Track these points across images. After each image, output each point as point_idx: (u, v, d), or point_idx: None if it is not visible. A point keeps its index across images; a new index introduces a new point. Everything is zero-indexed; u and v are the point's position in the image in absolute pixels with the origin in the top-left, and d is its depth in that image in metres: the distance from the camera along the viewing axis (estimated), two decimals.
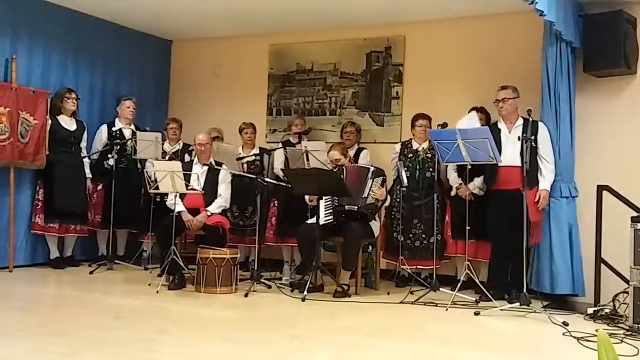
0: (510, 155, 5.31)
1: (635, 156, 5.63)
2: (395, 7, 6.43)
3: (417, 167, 6.15)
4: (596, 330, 1.72)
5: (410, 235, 6.12)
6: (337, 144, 6.25)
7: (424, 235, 6.09)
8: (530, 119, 5.11)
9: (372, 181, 5.65)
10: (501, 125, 5.57)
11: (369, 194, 5.64)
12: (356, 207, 5.65)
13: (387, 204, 5.97)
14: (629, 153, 5.66)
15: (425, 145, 6.15)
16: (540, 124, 5.40)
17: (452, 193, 6.01)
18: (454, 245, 6.02)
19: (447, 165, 5.94)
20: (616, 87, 5.74)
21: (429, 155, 6.09)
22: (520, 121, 5.44)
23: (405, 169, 6.10)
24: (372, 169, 5.77)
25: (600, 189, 5.20)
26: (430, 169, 6.07)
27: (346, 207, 5.69)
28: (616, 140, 5.71)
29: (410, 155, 6.21)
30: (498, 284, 5.38)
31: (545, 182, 5.39)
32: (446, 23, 6.70)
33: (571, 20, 5.42)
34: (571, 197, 5.46)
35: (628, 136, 5.69)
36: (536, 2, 4.59)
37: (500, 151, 5.47)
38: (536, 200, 5.33)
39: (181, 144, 7.06)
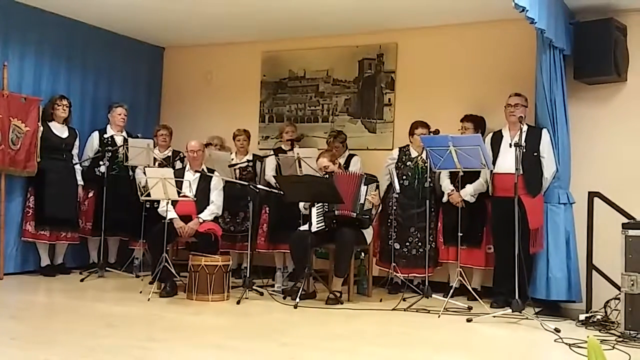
0: (510, 162, 5.27)
1: (626, 163, 5.67)
2: (387, 14, 6.45)
3: (416, 176, 6.14)
4: (587, 337, 1.72)
5: (407, 243, 6.11)
6: (326, 151, 6.23)
7: (420, 244, 6.08)
8: (537, 126, 5.15)
9: (367, 187, 5.66)
10: (505, 132, 5.60)
11: (365, 199, 5.64)
12: (355, 214, 5.66)
13: (379, 209, 5.96)
14: (620, 160, 5.69)
15: (424, 154, 6.15)
16: (544, 131, 5.43)
17: (444, 199, 6.03)
18: (445, 251, 6.04)
19: (440, 173, 5.97)
20: (606, 94, 5.79)
21: (427, 165, 6.06)
22: (525, 128, 5.45)
23: (404, 176, 6.10)
24: (364, 175, 5.78)
25: (591, 195, 5.22)
26: (429, 179, 6.03)
27: (345, 212, 5.67)
28: (607, 147, 5.75)
29: (409, 163, 6.21)
30: (503, 291, 5.38)
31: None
32: (438, 30, 6.72)
33: (562, 28, 5.46)
34: (569, 203, 5.48)
35: (618, 143, 5.73)
36: (527, 10, 4.62)
37: (496, 158, 5.51)
38: None
39: (171, 151, 7.06)
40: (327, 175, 5.86)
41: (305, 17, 6.63)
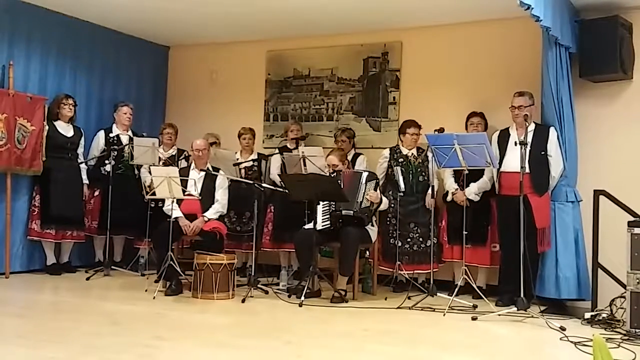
0: (517, 161, 5.20)
1: (632, 161, 5.65)
2: (392, 12, 6.45)
3: (411, 171, 6.16)
4: (593, 335, 1.72)
5: (408, 239, 6.12)
6: (337, 149, 6.26)
7: (421, 239, 6.09)
8: (545, 125, 5.16)
9: (366, 185, 5.67)
10: (512, 131, 5.59)
11: (363, 197, 5.65)
12: (352, 212, 5.66)
13: (383, 207, 5.95)
14: (626, 158, 5.68)
15: (414, 151, 6.20)
16: (551, 129, 5.41)
17: (448, 198, 6.02)
18: (449, 250, 6.04)
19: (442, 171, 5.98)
20: (612, 92, 5.77)
21: (420, 161, 6.13)
22: (533, 127, 5.43)
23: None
24: (365, 173, 5.79)
25: (597, 193, 5.20)
26: (423, 174, 6.12)
27: (343, 212, 5.70)
28: (613, 145, 5.74)
29: (402, 160, 6.21)
30: (508, 289, 5.37)
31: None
32: (443, 28, 6.72)
33: (567, 25, 5.44)
34: (576, 201, 5.47)
35: (624, 141, 5.71)
36: (532, 8, 4.60)
37: (503, 157, 5.49)
38: None
39: (176, 150, 7.07)
40: (335, 174, 5.87)
41: (310, 15, 6.63)
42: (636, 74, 5.68)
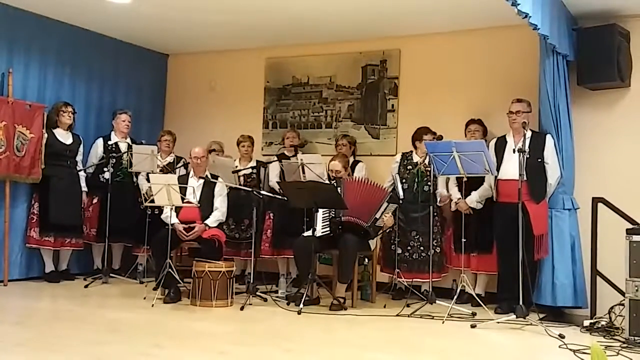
0: (514, 168, 5.25)
1: (630, 168, 5.66)
2: (391, 20, 6.47)
3: (415, 179, 6.15)
4: (592, 343, 1.72)
5: (408, 247, 6.11)
6: (341, 155, 6.26)
7: (422, 248, 6.08)
8: (541, 132, 5.16)
9: (387, 206, 5.64)
10: (509, 138, 5.60)
11: (381, 216, 5.63)
12: (366, 225, 5.64)
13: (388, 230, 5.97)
14: (624, 165, 5.69)
15: (427, 160, 6.16)
16: (548, 137, 5.43)
17: (452, 207, 6.02)
18: (456, 258, 6.00)
19: (448, 179, 5.97)
20: (610, 100, 5.79)
21: (429, 169, 6.09)
22: (529, 134, 5.44)
23: (403, 180, 6.10)
24: (391, 194, 5.74)
25: (595, 201, 5.22)
26: (428, 183, 6.08)
27: (354, 219, 5.67)
28: (610, 152, 5.75)
29: (410, 167, 6.21)
30: (507, 297, 5.37)
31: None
32: (441, 36, 6.74)
33: (565, 33, 5.47)
34: (573, 209, 5.47)
35: (622, 148, 5.73)
36: (530, 16, 4.62)
37: (500, 164, 5.50)
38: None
39: (173, 157, 7.08)
40: (335, 181, 5.88)
41: (309, 23, 6.65)
42: (634, 82, 5.70)
